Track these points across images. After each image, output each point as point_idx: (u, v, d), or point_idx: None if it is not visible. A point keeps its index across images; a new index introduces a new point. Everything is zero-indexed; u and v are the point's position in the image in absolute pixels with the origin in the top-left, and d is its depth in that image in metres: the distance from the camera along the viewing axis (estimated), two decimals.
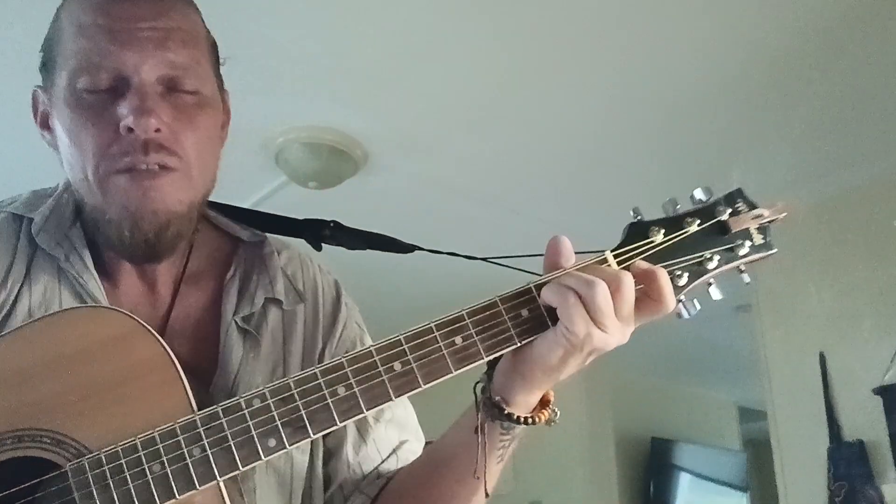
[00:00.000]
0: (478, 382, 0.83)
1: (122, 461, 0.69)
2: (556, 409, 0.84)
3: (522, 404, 0.81)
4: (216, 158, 0.88)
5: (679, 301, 0.85)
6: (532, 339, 0.78)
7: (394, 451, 0.95)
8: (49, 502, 0.68)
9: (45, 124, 0.86)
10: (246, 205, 1.02)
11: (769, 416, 3.09)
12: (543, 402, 0.83)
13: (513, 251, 1.11)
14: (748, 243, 0.88)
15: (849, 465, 2.71)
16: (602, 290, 0.75)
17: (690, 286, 0.86)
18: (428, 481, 0.90)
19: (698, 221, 0.87)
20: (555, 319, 0.77)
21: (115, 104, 0.77)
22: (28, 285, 0.81)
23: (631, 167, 2.84)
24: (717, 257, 0.86)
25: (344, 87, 2.36)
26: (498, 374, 0.81)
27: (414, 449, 0.96)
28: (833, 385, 2.84)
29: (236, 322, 0.87)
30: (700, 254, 0.86)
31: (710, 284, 0.88)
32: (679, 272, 0.85)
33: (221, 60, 0.92)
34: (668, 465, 5.04)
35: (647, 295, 0.80)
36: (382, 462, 0.94)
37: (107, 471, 0.69)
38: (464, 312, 0.78)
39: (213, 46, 0.89)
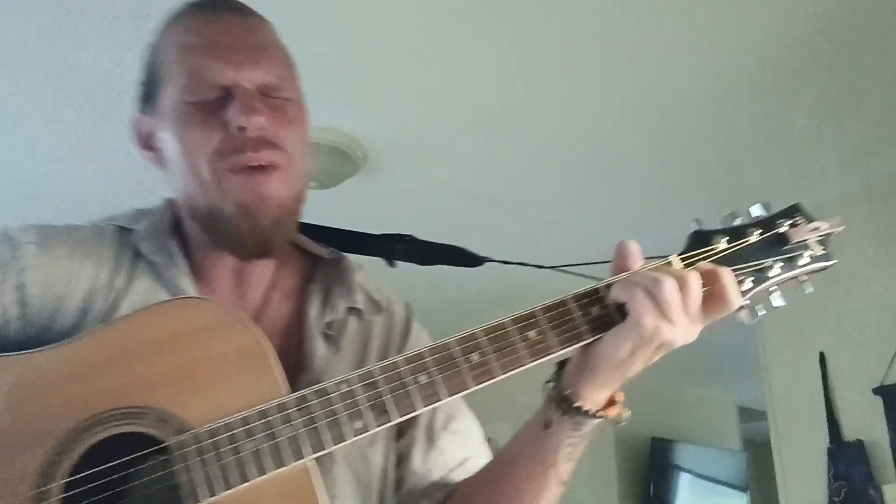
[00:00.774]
0: (548, 381, 0.87)
1: (219, 438, 0.74)
2: (627, 409, 0.87)
3: (591, 400, 0.84)
4: (306, 166, 0.94)
5: (742, 305, 0.89)
6: (602, 335, 0.82)
7: (460, 463, 0.99)
8: (151, 474, 0.73)
9: (147, 145, 0.94)
10: None
11: (769, 416, 3.10)
12: (611, 402, 0.86)
13: (513, 252, 1.12)
14: (807, 254, 0.92)
15: (849, 465, 2.71)
16: (670, 285, 0.79)
17: (753, 292, 0.90)
18: (496, 480, 0.93)
19: (759, 231, 0.91)
20: (624, 316, 0.81)
21: (223, 110, 0.86)
22: (131, 286, 0.88)
23: (639, 169, 2.84)
24: (778, 266, 0.91)
25: (344, 87, 2.36)
26: (568, 371, 0.85)
27: (480, 463, 1.00)
28: (833, 385, 2.85)
29: (320, 327, 0.94)
30: (762, 261, 0.90)
31: (771, 292, 0.92)
32: (742, 278, 0.89)
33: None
34: (668, 465, 5.04)
35: (712, 295, 0.84)
36: (449, 472, 0.98)
37: (204, 447, 0.74)
38: (537, 309, 0.83)
39: (293, 63, 0.98)
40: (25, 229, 0.89)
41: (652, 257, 0.88)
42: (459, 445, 1.00)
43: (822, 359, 2.89)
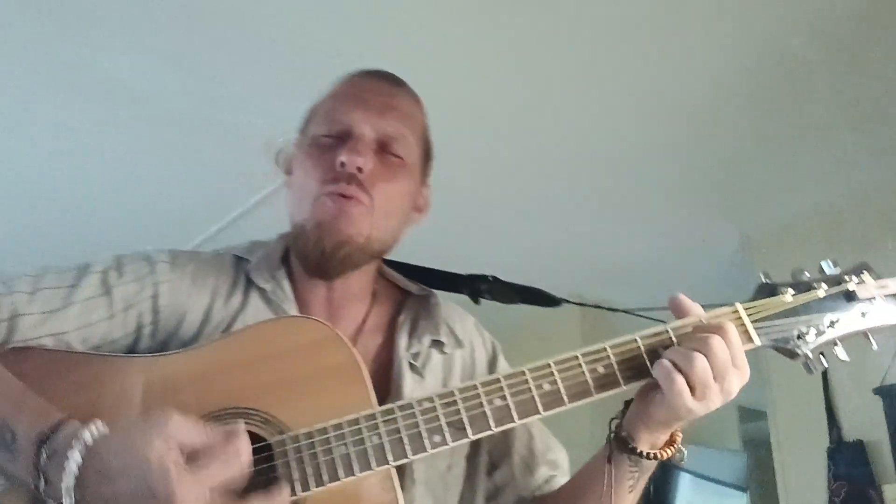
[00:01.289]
0: (613, 418, 0.95)
1: (315, 440, 0.84)
2: (683, 450, 0.95)
3: (647, 442, 0.92)
4: (400, 223, 1.07)
5: (806, 356, 0.95)
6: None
7: (546, 481, 1.09)
8: (254, 467, 0.81)
9: (289, 170, 1.09)
10: (247, 205, 1.08)
11: (769, 416, 3.10)
12: (671, 441, 0.94)
13: (518, 255, 1.14)
14: (873, 311, 0.96)
15: (849, 465, 2.71)
16: (702, 365, 0.85)
17: (816, 343, 0.94)
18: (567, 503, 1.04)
19: (825, 287, 0.96)
20: None
21: (339, 146, 1.00)
22: (244, 308, 1.01)
23: (647, 171, 2.84)
24: (842, 321, 0.95)
25: None
26: (629, 413, 0.93)
27: (560, 481, 1.10)
28: (833, 385, 2.84)
29: (407, 357, 1.04)
30: (827, 316, 0.95)
31: (836, 345, 0.97)
32: (806, 329, 0.94)
33: (431, 158, 1.15)
34: (668, 465, 5.03)
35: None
36: (534, 490, 1.09)
37: (301, 446, 0.84)
38: (606, 345, 0.90)
39: (427, 144, 1.12)
40: (160, 251, 1.03)
41: (715, 304, 0.95)
42: (549, 471, 1.10)
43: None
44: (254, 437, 0.83)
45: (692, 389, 0.85)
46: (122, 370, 0.89)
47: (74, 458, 0.73)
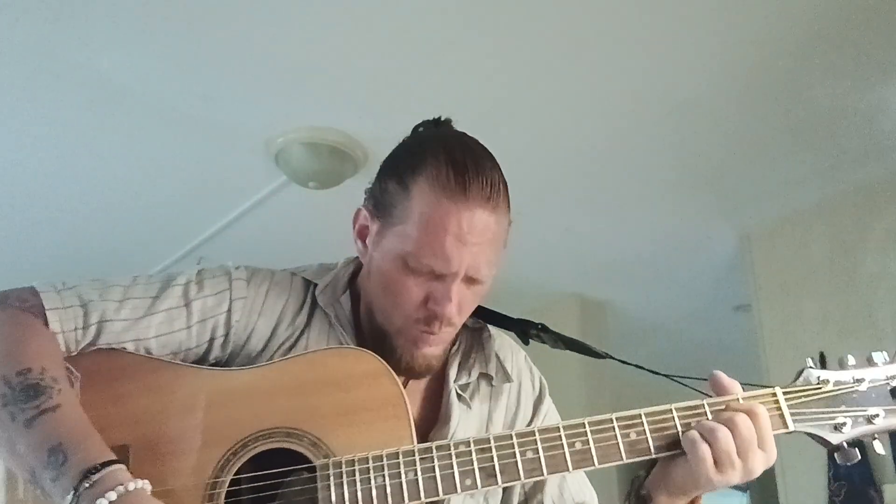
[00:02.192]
0: (636, 476, 0.98)
1: (356, 468, 0.91)
2: None
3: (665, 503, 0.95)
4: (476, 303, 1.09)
5: (842, 446, 0.96)
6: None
7: None
8: (295, 486, 0.91)
9: (362, 237, 1.10)
10: (246, 205, 1.08)
11: None
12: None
13: (515, 253, 1.15)
14: None
15: (849, 466, 2.71)
16: (727, 442, 0.89)
17: (852, 434, 0.95)
18: None
19: (869, 381, 0.97)
20: None
21: (430, 283, 1.01)
22: (308, 329, 1.08)
23: (639, 169, 2.84)
24: (883, 415, 0.95)
25: (345, 87, 2.36)
26: (653, 474, 0.97)
27: None
28: None
29: (456, 389, 1.10)
30: (867, 409, 0.95)
31: (874, 438, 0.96)
32: (843, 421, 0.95)
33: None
34: None
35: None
36: None
37: (344, 472, 0.91)
38: (642, 412, 0.94)
39: (504, 245, 1.10)
40: (240, 268, 1.10)
41: (754, 385, 0.97)
42: None
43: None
44: (301, 458, 0.92)
45: (716, 462, 0.88)
46: (191, 379, 0.99)
47: (109, 497, 0.81)
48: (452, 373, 1.11)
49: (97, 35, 2.09)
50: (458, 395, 1.10)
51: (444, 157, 1.05)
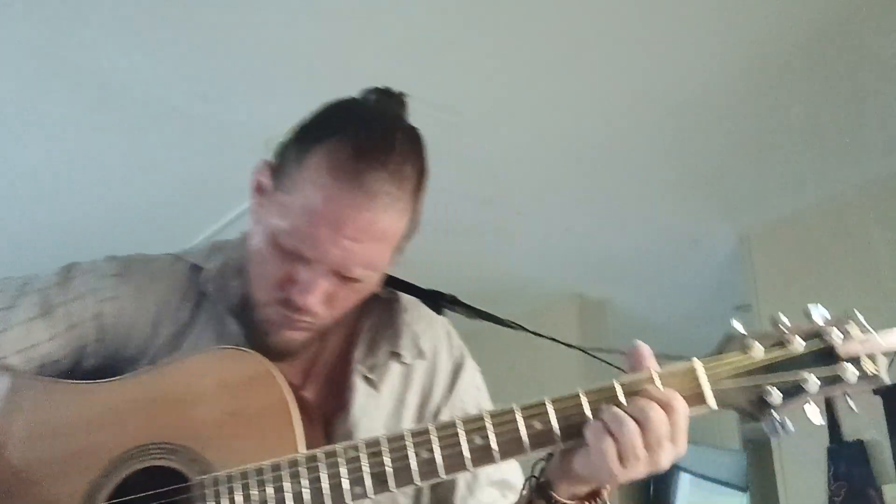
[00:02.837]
0: (538, 461, 0.89)
1: (234, 484, 0.83)
2: (608, 502, 0.89)
3: (566, 492, 0.87)
4: (353, 301, 0.98)
5: (772, 420, 0.85)
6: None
7: (494, 502, 1.04)
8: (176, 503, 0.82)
9: (257, 191, 0.98)
10: (246, 204, 1.05)
11: None
12: (595, 494, 0.88)
13: (514, 252, 1.13)
14: (856, 372, 0.85)
15: (849, 465, 2.71)
16: (632, 434, 0.79)
17: (784, 408, 0.84)
18: None
19: (804, 344, 0.85)
20: None
21: (296, 266, 0.91)
22: (195, 323, 0.98)
23: (637, 169, 2.84)
24: (817, 381, 0.84)
25: (344, 87, 2.35)
26: (553, 460, 0.88)
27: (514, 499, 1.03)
28: None
29: (361, 371, 1.00)
30: (800, 375, 0.84)
31: (807, 403, 0.85)
32: (773, 390, 0.83)
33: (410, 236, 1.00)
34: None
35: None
36: None
37: (220, 489, 0.82)
38: (547, 399, 0.84)
39: (412, 228, 0.98)
40: (110, 260, 0.99)
41: (672, 357, 0.87)
42: (497, 493, 1.04)
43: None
44: (178, 475, 0.84)
45: (619, 456, 0.80)
46: (57, 397, 0.89)
47: None
48: (359, 353, 1.01)
49: (97, 35, 2.09)
50: (366, 378, 1.00)
51: (352, 135, 0.92)
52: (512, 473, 1.05)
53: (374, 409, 0.98)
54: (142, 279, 0.99)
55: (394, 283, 1.08)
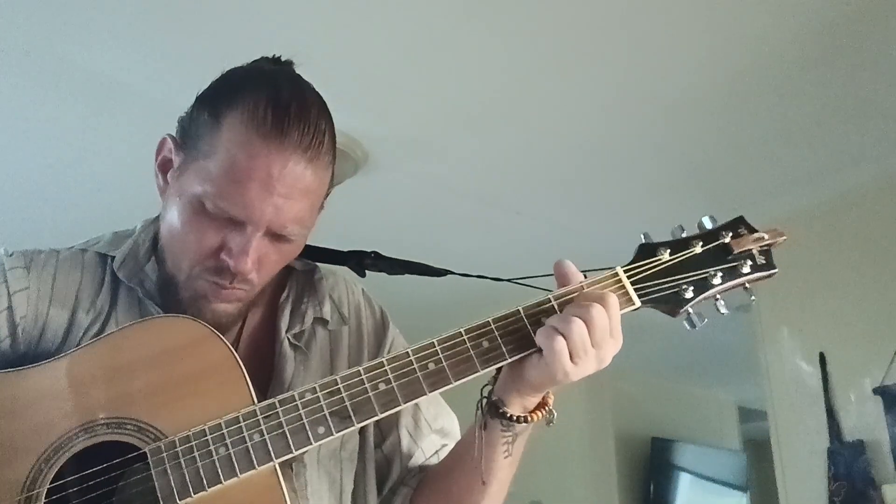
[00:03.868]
0: (485, 385, 0.94)
1: (193, 444, 0.80)
2: (553, 412, 0.94)
3: (518, 406, 0.92)
4: (277, 268, 0.98)
5: (686, 312, 0.96)
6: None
7: (436, 452, 1.08)
8: (130, 479, 0.80)
9: (163, 170, 0.98)
10: None
11: (769, 416, 3.09)
12: (542, 404, 0.94)
13: (513, 251, 1.14)
14: (750, 263, 0.98)
15: (849, 465, 2.71)
16: (579, 330, 0.86)
17: (696, 300, 0.96)
18: (448, 474, 1.02)
19: (702, 243, 0.98)
20: None
21: (226, 231, 0.89)
22: (115, 310, 0.95)
23: (633, 167, 2.84)
24: (720, 275, 0.97)
25: (344, 86, 2.36)
26: (500, 379, 0.93)
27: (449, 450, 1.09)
28: (833, 385, 2.84)
29: (289, 339, 1.00)
30: (705, 271, 0.96)
31: (717, 300, 0.98)
32: (685, 286, 0.96)
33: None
34: (668, 465, 5.04)
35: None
36: (426, 460, 1.07)
37: (179, 452, 0.80)
38: (489, 319, 0.90)
39: (328, 192, 0.99)
40: (15, 255, 0.96)
41: (596, 269, 0.96)
42: (440, 440, 1.09)
43: (822, 359, 2.89)
44: (129, 448, 0.80)
45: (571, 354, 0.86)
46: None
47: None
48: (284, 322, 1.01)
49: (98, 34, 2.09)
50: (293, 346, 0.99)
51: (266, 94, 0.91)
52: (450, 422, 1.11)
53: (305, 377, 0.98)
54: (51, 270, 0.96)
55: (315, 251, 1.09)
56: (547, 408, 0.94)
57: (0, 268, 0.94)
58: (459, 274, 1.15)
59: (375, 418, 0.85)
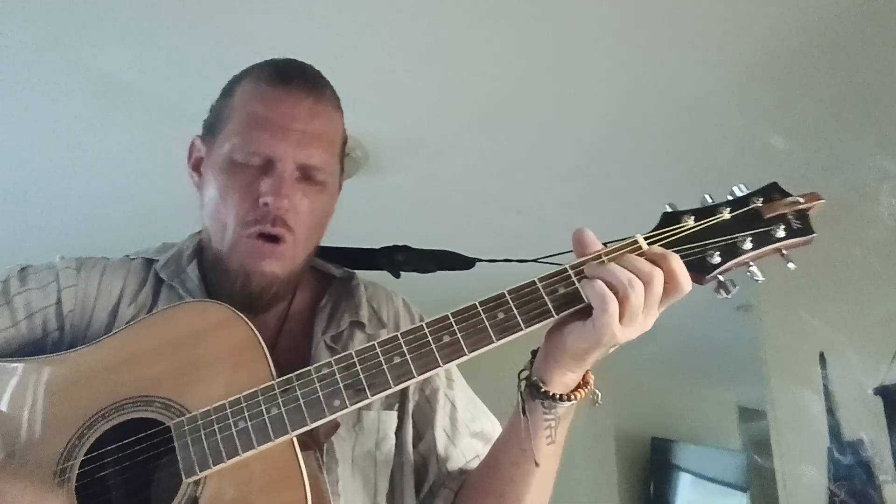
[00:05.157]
0: (522, 370, 0.92)
1: (213, 417, 0.84)
2: (597, 392, 0.92)
3: (559, 384, 0.90)
4: (322, 231, 1.06)
5: (716, 280, 0.90)
6: (569, 311, 0.87)
7: (476, 456, 1.07)
8: (154, 451, 0.84)
9: (196, 168, 1.06)
10: None
11: (769, 416, 3.10)
12: (583, 383, 0.91)
13: (515, 252, 1.14)
14: (784, 227, 0.92)
15: (849, 465, 2.71)
16: (638, 292, 0.83)
17: (724, 266, 0.90)
18: (491, 468, 1.01)
19: (730, 209, 0.93)
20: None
21: (260, 179, 0.96)
22: (156, 305, 1.01)
23: (635, 168, 2.84)
24: (750, 240, 0.90)
25: (345, 86, 2.35)
26: (537, 360, 0.91)
27: None
28: (833, 385, 2.85)
29: (325, 341, 1.02)
30: (733, 237, 0.90)
31: (749, 266, 0.92)
32: (711, 251, 0.89)
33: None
34: (668, 465, 5.04)
35: (665, 280, 0.86)
36: (466, 463, 1.07)
37: (200, 425, 0.84)
38: (505, 291, 0.88)
39: (344, 142, 1.07)
40: (66, 259, 1.03)
41: (616, 240, 0.91)
42: (480, 445, 1.08)
43: (822, 359, 2.89)
44: (155, 423, 0.86)
45: (621, 315, 0.83)
46: (25, 373, 0.90)
47: None
48: (319, 326, 1.04)
49: (101, 33, 2.10)
50: (329, 347, 1.02)
51: (267, 63, 1.04)
52: (491, 425, 1.10)
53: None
54: (100, 270, 1.03)
55: (346, 253, 1.13)
56: (589, 387, 0.91)
57: (53, 269, 1.01)
58: (486, 260, 1.14)
59: (390, 391, 0.85)
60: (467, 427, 1.08)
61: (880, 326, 2.76)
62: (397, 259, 1.12)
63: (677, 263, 0.85)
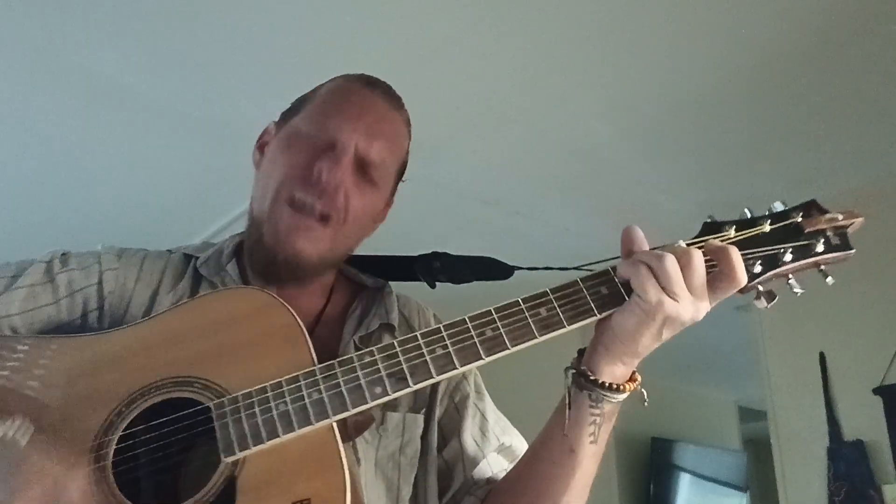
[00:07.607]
0: (568, 367, 0.91)
1: (254, 399, 0.84)
2: (644, 391, 0.92)
3: (607, 374, 0.89)
4: (359, 238, 1.08)
5: (755, 288, 0.92)
6: (611, 311, 0.88)
7: (504, 469, 1.06)
8: (194, 430, 0.84)
9: (261, 148, 1.09)
10: (248, 205, 1.08)
11: (769, 416, 3.10)
12: (631, 380, 0.91)
13: (515, 252, 1.14)
14: (823, 242, 0.94)
15: (849, 465, 2.71)
16: (671, 261, 0.84)
17: (764, 276, 0.92)
18: (528, 469, 0.99)
19: (770, 222, 0.94)
20: (631, 293, 0.87)
21: (321, 152, 0.99)
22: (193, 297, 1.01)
23: (633, 168, 2.84)
24: (790, 252, 0.92)
25: None
26: (586, 353, 0.91)
27: None
28: (833, 385, 2.85)
29: (354, 341, 1.03)
30: (774, 248, 0.92)
31: (789, 279, 0.94)
32: (752, 260, 0.91)
33: (404, 179, 1.15)
34: (668, 465, 5.04)
35: (720, 271, 0.87)
36: (493, 474, 1.06)
37: (241, 406, 0.84)
38: (548, 289, 0.89)
39: (404, 165, 1.12)
40: (107, 247, 1.06)
41: (660, 246, 0.91)
42: (506, 461, 1.07)
43: (822, 359, 2.89)
44: (195, 403, 0.86)
45: (663, 287, 0.84)
46: (68, 349, 0.91)
47: None
48: (349, 328, 1.05)
49: (96, 34, 2.10)
50: (358, 348, 1.01)
51: (358, 73, 1.11)
52: (519, 442, 1.10)
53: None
54: (140, 256, 1.06)
55: (382, 261, 1.14)
56: (637, 382, 0.91)
57: (95, 253, 1.04)
58: (526, 268, 1.15)
59: (432, 380, 0.85)
60: (497, 438, 1.08)
61: (880, 326, 2.76)
62: (434, 266, 1.12)
63: (735, 254, 0.87)
